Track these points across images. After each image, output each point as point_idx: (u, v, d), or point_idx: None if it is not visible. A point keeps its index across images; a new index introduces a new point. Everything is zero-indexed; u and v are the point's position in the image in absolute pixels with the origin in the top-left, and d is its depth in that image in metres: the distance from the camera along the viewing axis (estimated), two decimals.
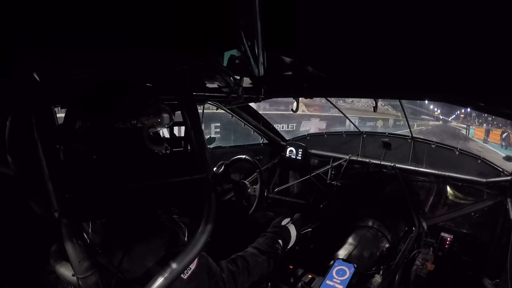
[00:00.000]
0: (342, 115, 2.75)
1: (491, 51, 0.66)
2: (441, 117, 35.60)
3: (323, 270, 1.35)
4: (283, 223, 1.25)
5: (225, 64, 1.07)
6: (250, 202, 1.57)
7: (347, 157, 2.25)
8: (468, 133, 19.82)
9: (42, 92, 0.62)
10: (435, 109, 33.99)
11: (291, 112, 1.68)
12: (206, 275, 0.82)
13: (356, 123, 2.75)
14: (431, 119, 33.71)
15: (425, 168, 2.00)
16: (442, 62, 0.78)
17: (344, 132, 2.52)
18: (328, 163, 2.33)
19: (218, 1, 0.64)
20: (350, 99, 16.14)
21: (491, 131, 17.42)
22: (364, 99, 13.07)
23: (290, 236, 1.22)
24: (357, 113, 15.68)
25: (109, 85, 0.76)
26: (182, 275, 0.72)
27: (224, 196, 1.62)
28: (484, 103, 0.92)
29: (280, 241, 1.14)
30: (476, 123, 26.93)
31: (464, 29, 0.60)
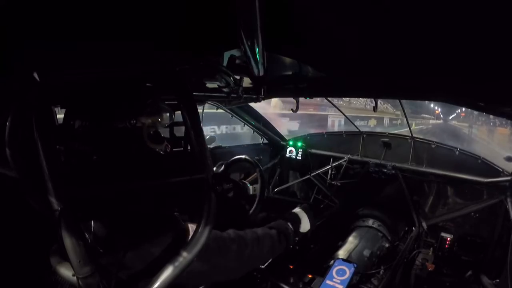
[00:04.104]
0: (322, 113, 2.75)
1: (490, 51, 0.66)
2: (441, 116, 35.60)
3: (323, 270, 1.35)
4: (293, 211, 1.24)
5: (225, 64, 1.07)
6: (250, 202, 1.57)
7: (347, 157, 2.25)
8: (471, 132, 19.34)
9: (42, 92, 0.62)
10: (435, 108, 33.98)
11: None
12: (213, 241, 0.83)
13: (342, 122, 2.74)
14: (431, 117, 33.69)
15: (425, 168, 2.00)
16: (443, 63, 0.78)
17: (344, 132, 2.52)
18: (328, 163, 2.33)
19: (218, 1, 0.64)
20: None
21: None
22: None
23: (299, 219, 1.20)
24: (349, 112, 15.00)
25: (108, 84, 0.76)
26: None
27: (224, 196, 1.62)
28: (484, 103, 0.92)
29: (289, 223, 1.13)
30: (480, 121, 26.51)
31: (465, 30, 0.60)
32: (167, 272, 0.67)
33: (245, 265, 0.94)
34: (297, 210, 1.24)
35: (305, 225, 1.21)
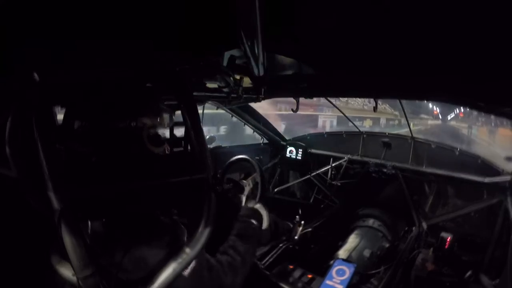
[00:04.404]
0: (312, 114, 2.76)
1: (490, 51, 0.66)
2: (440, 116, 35.54)
3: (323, 270, 1.35)
4: (255, 207, 1.21)
5: (225, 64, 1.07)
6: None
7: (347, 157, 2.25)
8: (471, 133, 19.09)
9: (42, 92, 0.62)
10: (434, 108, 33.89)
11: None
12: (206, 270, 0.82)
13: (334, 123, 2.75)
14: (430, 118, 33.60)
15: (425, 168, 2.00)
16: (443, 63, 0.78)
17: (344, 132, 2.53)
18: (328, 163, 2.33)
19: (218, 1, 0.64)
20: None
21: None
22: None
23: (262, 216, 1.16)
24: (347, 112, 14.54)
25: (108, 84, 0.76)
26: (183, 272, 0.73)
27: (224, 196, 1.62)
28: (484, 103, 0.92)
29: (253, 220, 1.10)
30: (480, 122, 26.18)
31: (465, 30, 0.60)
32: (167, 273, 0.67)
33: None
34: (258, 206, 1.19)
35: (265, 222, 1.17)
